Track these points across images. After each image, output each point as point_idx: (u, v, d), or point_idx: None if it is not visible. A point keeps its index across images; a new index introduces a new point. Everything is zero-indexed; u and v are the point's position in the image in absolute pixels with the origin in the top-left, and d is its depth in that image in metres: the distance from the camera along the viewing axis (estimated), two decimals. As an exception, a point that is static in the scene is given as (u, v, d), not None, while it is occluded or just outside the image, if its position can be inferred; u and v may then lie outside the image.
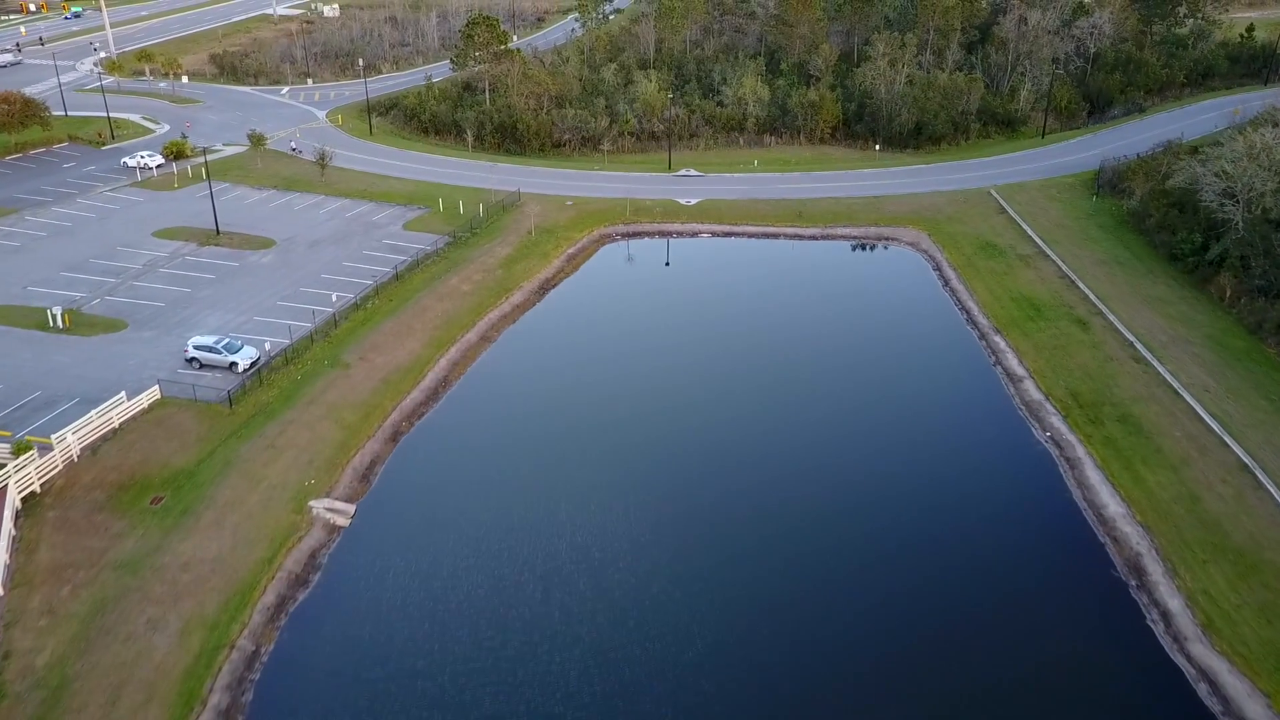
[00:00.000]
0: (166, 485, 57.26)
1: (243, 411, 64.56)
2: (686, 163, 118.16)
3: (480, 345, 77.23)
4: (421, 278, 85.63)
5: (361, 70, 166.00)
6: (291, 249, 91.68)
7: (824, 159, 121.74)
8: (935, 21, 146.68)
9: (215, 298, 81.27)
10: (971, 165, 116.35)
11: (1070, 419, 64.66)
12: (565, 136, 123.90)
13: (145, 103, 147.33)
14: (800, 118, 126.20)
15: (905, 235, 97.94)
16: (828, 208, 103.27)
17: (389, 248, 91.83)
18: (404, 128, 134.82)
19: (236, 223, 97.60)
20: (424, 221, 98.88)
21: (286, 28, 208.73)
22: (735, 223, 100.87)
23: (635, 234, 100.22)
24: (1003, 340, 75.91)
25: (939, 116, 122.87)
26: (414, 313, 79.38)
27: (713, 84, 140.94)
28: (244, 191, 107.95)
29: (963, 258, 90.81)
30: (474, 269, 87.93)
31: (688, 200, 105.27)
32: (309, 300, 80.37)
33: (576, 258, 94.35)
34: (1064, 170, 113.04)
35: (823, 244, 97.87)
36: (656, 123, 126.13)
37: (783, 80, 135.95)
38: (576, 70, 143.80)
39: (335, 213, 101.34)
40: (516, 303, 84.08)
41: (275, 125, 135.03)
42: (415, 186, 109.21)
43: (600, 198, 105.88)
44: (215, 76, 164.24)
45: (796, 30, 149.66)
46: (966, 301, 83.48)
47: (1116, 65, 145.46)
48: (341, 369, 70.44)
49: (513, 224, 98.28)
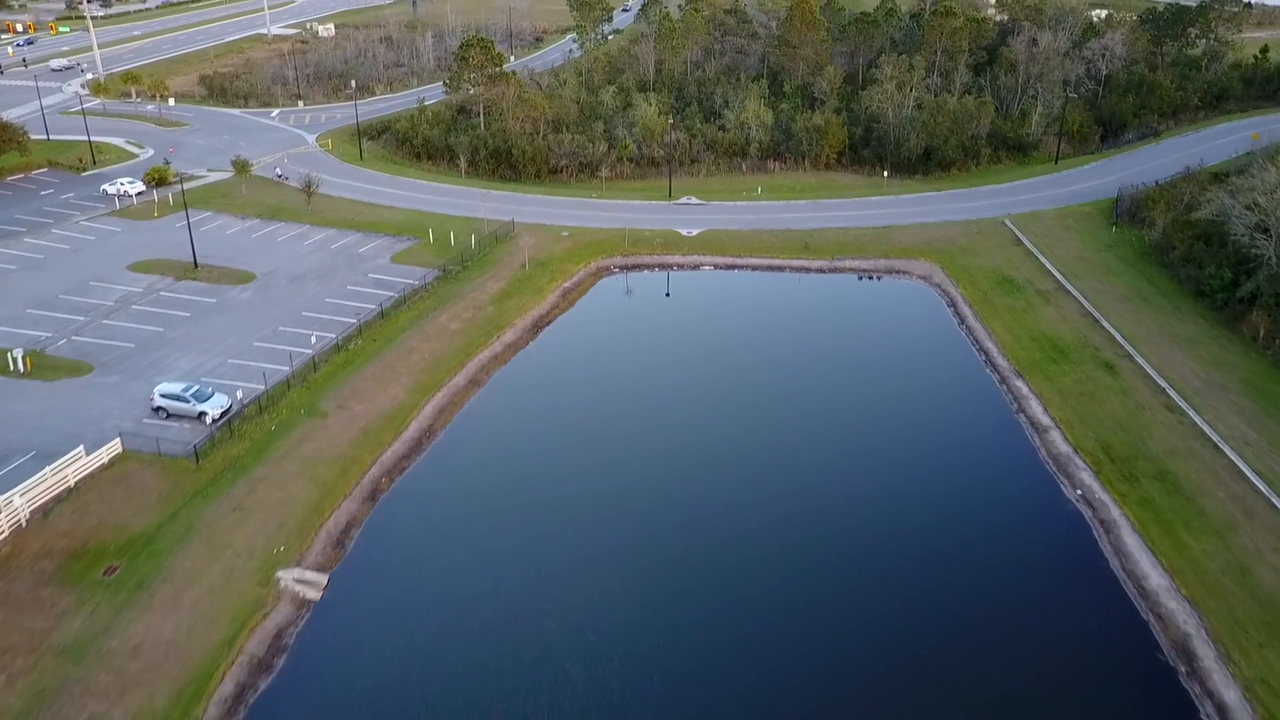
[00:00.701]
0: (122, 553, 52.52)
1: (210, 467, 59.86)
2: (687, 190, 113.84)
3: (468, 389, 72.55)
4: (408, 315, 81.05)
5: (354, 92, 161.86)
6: (272, 284, 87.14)
7: (830, 185, 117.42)
8: (942, 43, 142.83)
9: (189, 338, 76.66)
10: (983, 193, 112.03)
11: (1102, 476, 59.94)
12: (562, 162, 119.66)
13: (131, 126, 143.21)
14: (805, 142, 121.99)
15: (917, 268, 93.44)
16: (835, 238, 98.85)
17: (375, 282, 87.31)
18: (396, 152, 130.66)
19: (216, 254, 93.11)
20: (413, 254, 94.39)
21: (280, 48, 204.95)
22: (739, 254, 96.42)
23: (634, 266, 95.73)
24: (1025, 385, 71.26)
25: (949, 141, 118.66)
26: (398, 354, 74.76)
27: (714, 107, 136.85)
28: (226, 221, 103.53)
29: (979, 293, 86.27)
30: (464, 305, 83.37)
31: (689, 231, 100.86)
32: (288, 341, 75.78)
33: (572, 292, 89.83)
34: (1080, 198, 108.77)
35: (830, 277, 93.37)
36: (656, 148, 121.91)
37: (786, 103, 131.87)
38: (574, 93, 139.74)
39: (320, 244, 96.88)
40: (508, 342, 79.48)
41: (263, 149, 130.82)
42: (405, 215, 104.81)
43: (598, 228, 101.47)
44: (204, 98, 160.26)
45: (800, 52, 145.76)
46: (984, 341, 78.87)
47: (1129, 88, 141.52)
48: (319, 418, 65.75)
49: (506, 256, 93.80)
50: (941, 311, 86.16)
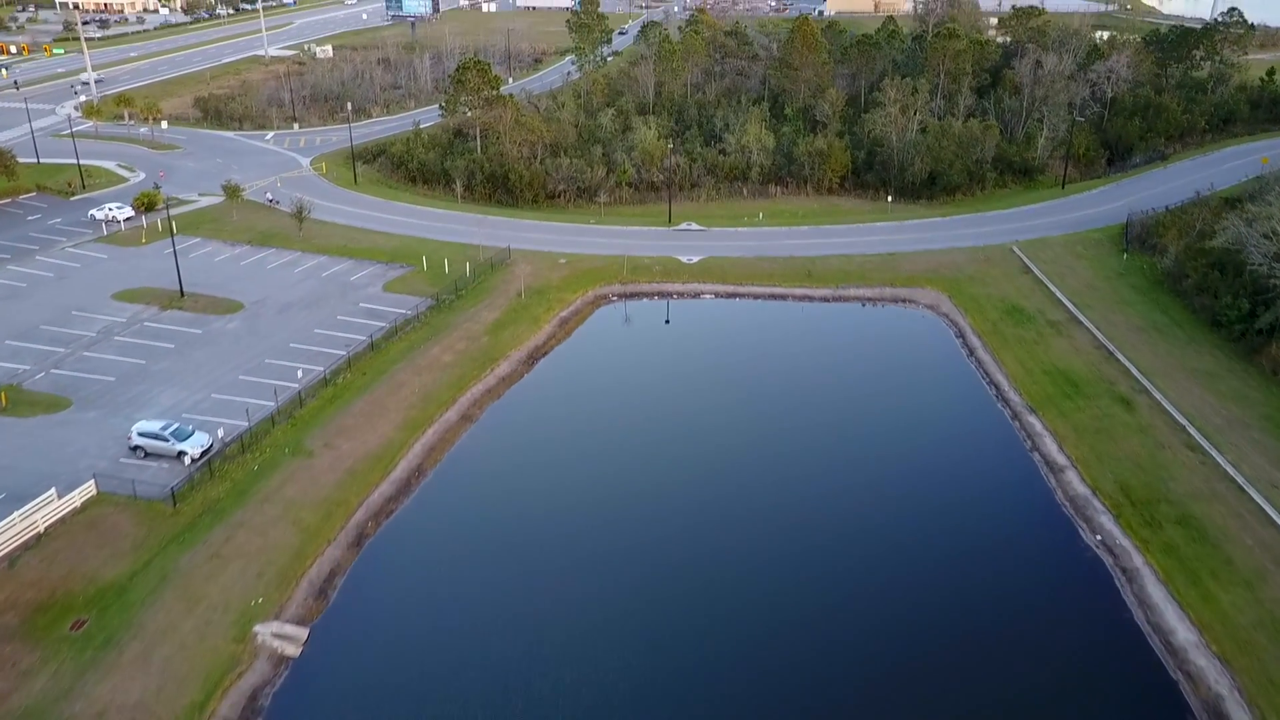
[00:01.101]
0: (92, 605, 49.78)
1: (188, 511, 57.15)
2: (687, 215, 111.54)
3: (460, 425, 69.87)
4: (399, 347, 78.50)
5: (349, 114, 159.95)
6: (260, 313, 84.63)
7: (833, 211, 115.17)
8: (946, 65, 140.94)
9: (172, 371, 74.07)
10: (990, 218, 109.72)
11: (1123, 520, 57.19)
12: (559, 187, 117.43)
13: (123, 149, 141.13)
14: (807, 167, 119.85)
15: (924, 297, 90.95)
16: (839, 266, 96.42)
17: (366, 312, 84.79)
18: (391, 176, 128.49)
19: (204, 282, 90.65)
20: (406, 282, 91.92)
21: (277, 70, 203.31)
22: (740, 282, 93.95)
23: (633, 295, 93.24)
24: (1038, 421, 68.58)
25: (954, 166, 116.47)
26: (388, 389, 72.13)
27: (714, 130, 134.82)
28: (215, 247, 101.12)
29: (988, 324, 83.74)
30: (457, 336, 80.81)
31: (689, 258, 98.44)
32: (274, 374, 73.19)
33: (569, 322, 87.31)
34: (1088, 223, 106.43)
35: (834, 306, 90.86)
36: (656, 172, 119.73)
37: (788, 127, 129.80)
38: (572, 116, 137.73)
39: (311, 271, 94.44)
40: (503, 374, 76.87)
41: (257, 173, 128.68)
42: (399, 242, 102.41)
43: (596, 255, 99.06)
44: (198, 121, 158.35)
45: (801, 74, 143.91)
46: (995, 374, 76.26)
47: (1135, 110, 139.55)
48: (304, 457, 63.07)
49: (501, 284, 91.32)
50: (949, 342, 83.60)
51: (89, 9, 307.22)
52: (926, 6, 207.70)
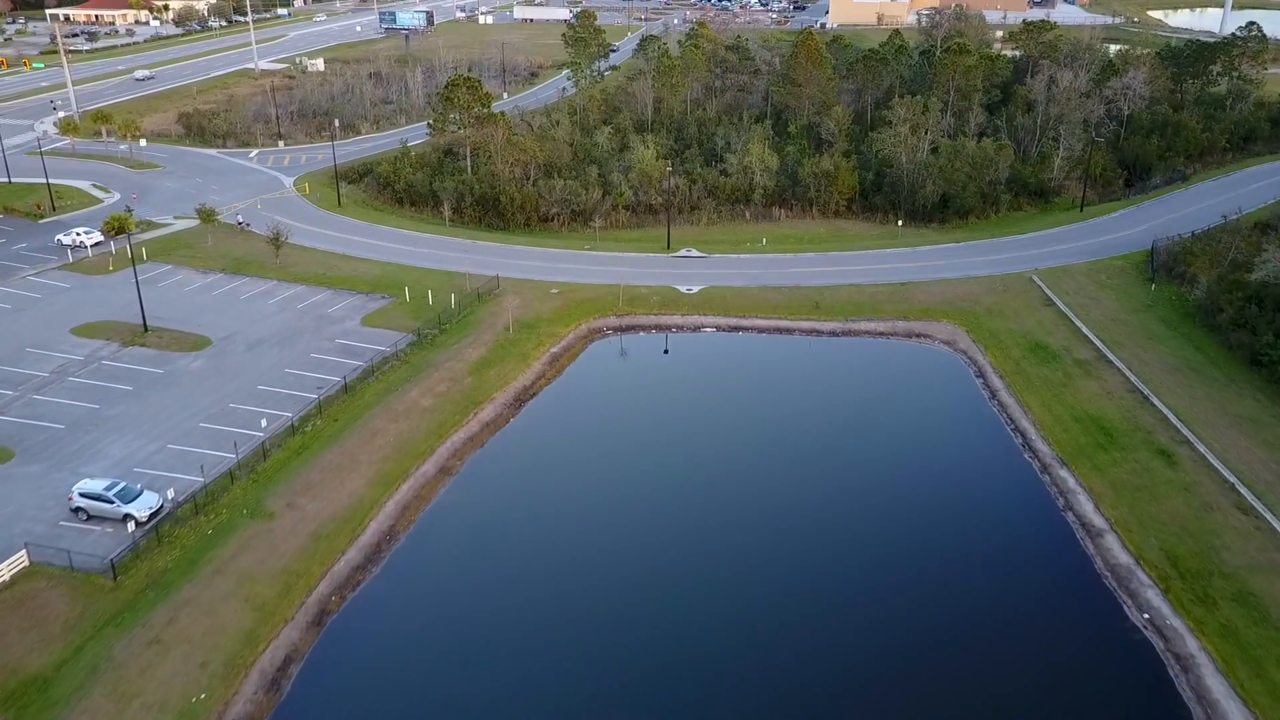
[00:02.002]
0: (10, 703, 43.85)
1: (129, 585, 51.27)
2: (687, 241, 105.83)
3: (439, 479, 63.98)
4: (375, 389, 72.65)
5: (336, 131, 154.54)
6: (228, 351, 78.83)
7: (840, 236, 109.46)
8: (955, 81, 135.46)
9: (127, 417, 68.23)
10: (1006, 244, 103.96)
11: (1172, 595, 51.28)
12: (553, 210, 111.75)
13: (99, 168, 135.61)
14: (813, 189, 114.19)
15: (939, 331, 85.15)
16: (848, 297, 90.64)
17: (341, 349, 78.98)
18: (377, 197, 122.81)
19: (171, 315, 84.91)
20: (386, 314, 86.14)
21: (266, 84, 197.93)
22: (743, 314, 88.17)
23: (629, 328, 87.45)
24: (1071, 476, 62.67)
25: (967, 188, 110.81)
26: (361, 438, 66.24)
27: (715, 149, 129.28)
28: (186, 275, 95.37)
29: (1010, 362, 77.90)
30: (439, 377, 74.97)
31: (688, 288, 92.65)
32: (238, 421, 67.37)
33: (561, 359, 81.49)
34: (1110, 249, 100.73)
35: (844, 341, 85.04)
36: (654, 194, 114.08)
37: (792, 146, 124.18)
38: (567, 134, 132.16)
39: (286, 303, 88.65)
40: (487, 420, 71.00)
41: (237, 194, 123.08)
42: (381, 270, 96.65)
43: (590, 284, 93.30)
44: (180, 138, 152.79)
45: (805, 90, 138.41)
46: (1020, 420, 70.38)
47: (1153, 128, 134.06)
48: (263, 520, 57.16)
49: (488, 318, 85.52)
50: (969, 383, 77.74)
51: (80, 21, 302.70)
52: (932, 20, 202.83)
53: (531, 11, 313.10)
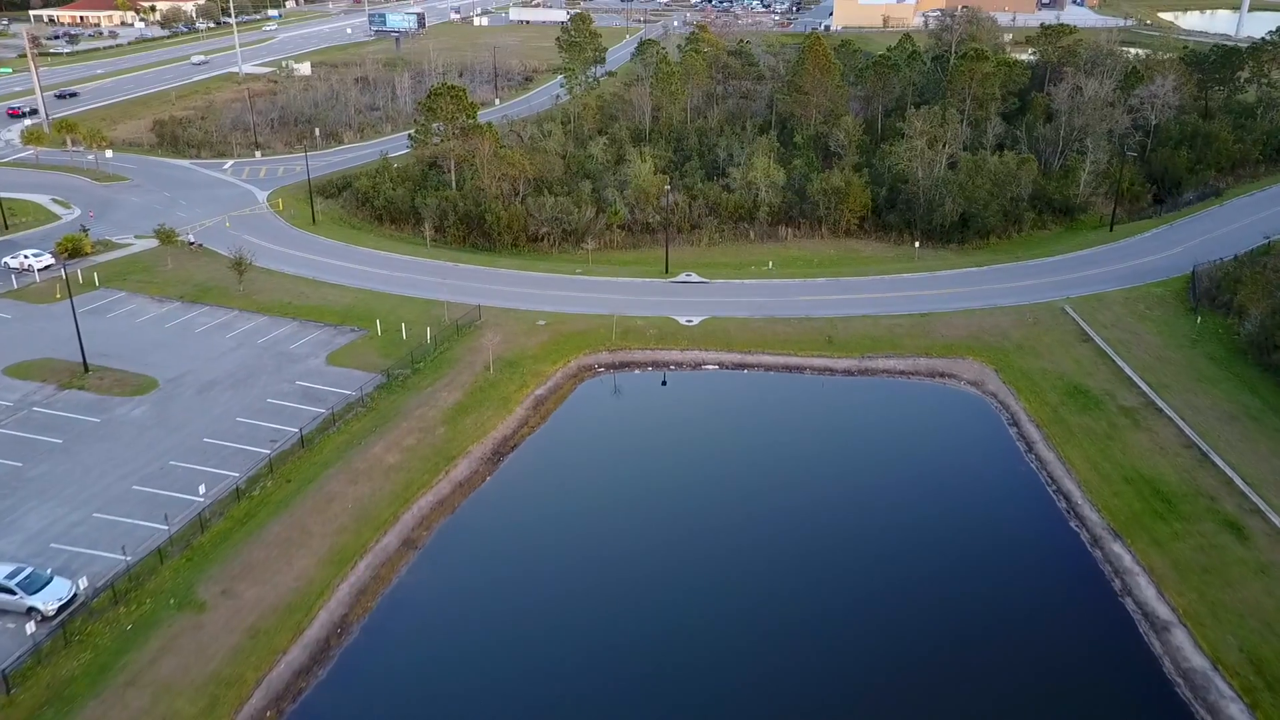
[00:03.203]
0: None
1: (25, 701, 43.36)
2: (687, 264, 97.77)
3: (401, 555, 55.93)
4: (335, 443, 64.62)
5: (318, 140, 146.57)
6: (175, 395, 70.83)
7: (852, 258, 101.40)
8: (972, 89, 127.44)
9: (51, 479, 60.23)
10: (1032, 268, 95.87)
11: (1261, 714, 43.23)
12: (542, 230, 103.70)
13: (63, 180, 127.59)
14: (822, 206, 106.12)
15: (965, 371, 77.14)
16: (864, 329, 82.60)
17: (302, 393, 70.97)
18: (356, 214, 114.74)
19: (117, 351, 76.96)
20: (355, 351, 78.11)
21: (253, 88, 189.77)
22: (748, 350, 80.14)
23: (622, 365, 79.46)
24: (1127, 553, 54.62)
25: (990, 206, 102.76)
26: (315, 504, 58.20)
27: (717, 162, 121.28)
28: (140, 304, 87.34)
29: (1046, 409, 69.84)
30: (408, 427, 66.90)
31: (689, 319, 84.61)
32: (177, 483, 59.40)
33: (547, 402, 73.47)
34: (1146, 274, 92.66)
35: (860, 381, 77.04)
36: (651, 212, 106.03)
37: (799, 159, 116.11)
38: (559, 146, 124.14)
39: (246, 337, 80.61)
40: (460, 478, 62.93)
41: (205, 210, 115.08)
42: (354, 298, 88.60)
43: (580, 314, 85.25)
44: (152, 147, 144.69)
45: (812, 99, 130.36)
46: (1062, 480, 62.30)
47: (1182, 139, 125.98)
48: (192, 611, 49.17)
49: (467, 355, 77.46)
50: (1001, 432, 69.68)
51: (65, 22, 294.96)
52: (942, 23, 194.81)
53: (528, 13, 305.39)
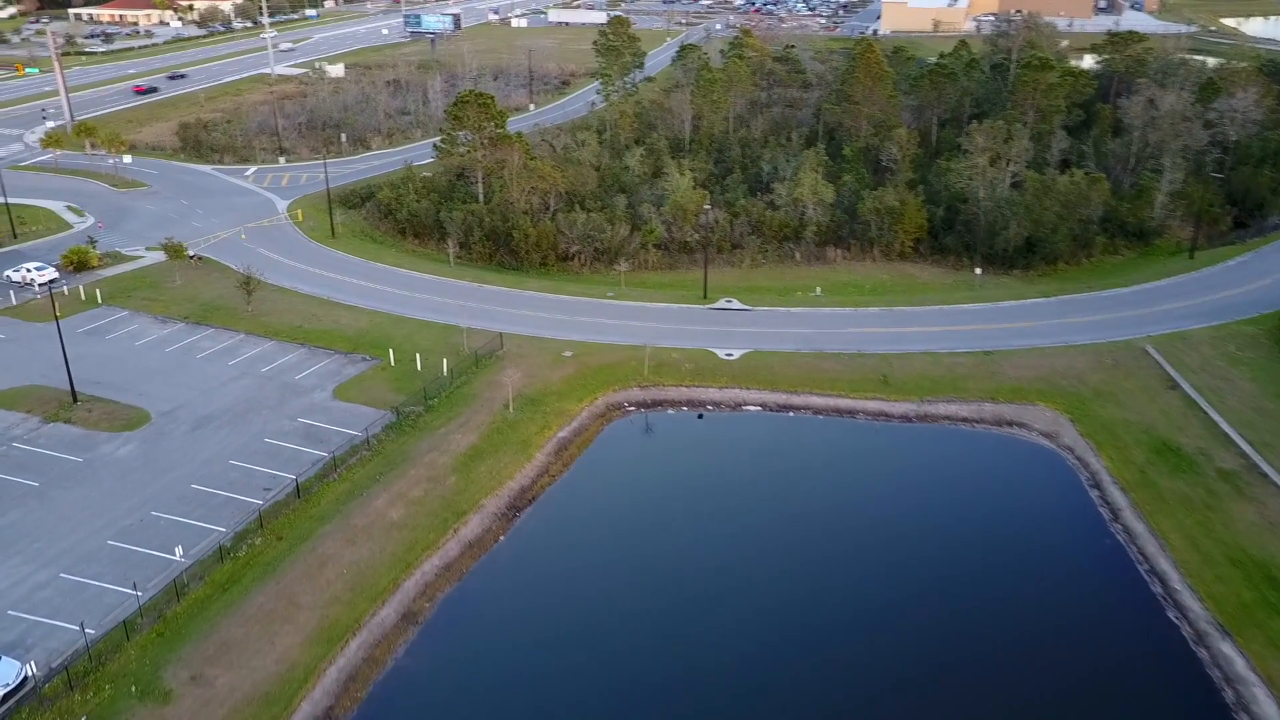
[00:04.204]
0: None
1: (-50, 816, 37.18)
2: (728, 288, 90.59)
3: (399, 632, 49.40)
4: (334, 493, 58.34)
5: (344, 146, 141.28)
6: (167, 431, 64.98)
7: (907, 284, 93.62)
8: (1035, 101, 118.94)
9: (22, 528, 54.55)
10: (1107, 300, 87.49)
11: None
12: (573, 248, 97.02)
13: (80, 186, 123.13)
14: (874, 226, 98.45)
15: (1036, 419, 69.28)
16: (922, 368, 74.99)
17: (303, 432, 64.82)
18: (378, 226, 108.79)
19: (111, 379, 71.42)
20: (364, 384, 71.90)
21: (282, 90, 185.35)
22: (794, 389, 72.86)
23: (654, 404, 72.56)
24: (1239, 656, 46.76)
25: (1058, 230, 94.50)
26: (306, 568, 51.88)
27: (760, 175, 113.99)
28: (142, 325, 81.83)
29: (1133, 469, 61.88)
30: (416, 475, 60.45)
31: (728, 352, 77.51)
32: (156, 539, 53.45)
33: (570, 446, 66.71)
34: (1234, 310, 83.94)
35: (919, 429, 69.47)
36: (690, 230, 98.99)
37: (848, 174, 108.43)
38: (594, 156, 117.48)
39: (249, 365, 74.71)
40: (470, 538, 56.33)
41: (222, 220, 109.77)
42: (368, 322, 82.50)
43: (610, 344, 78.49)
44: (175, 152, 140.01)
45: (863, 109, 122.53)
46: (1155, 558, 54.43)
47: (1264, 158, 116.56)
48: (156, 702, 43.02)
49: (485, 390, 70.94)
50: (1080, 495, 61.80)
51: (103, 21, 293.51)
52: (998, 28, 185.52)
53: (566, 15, 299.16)
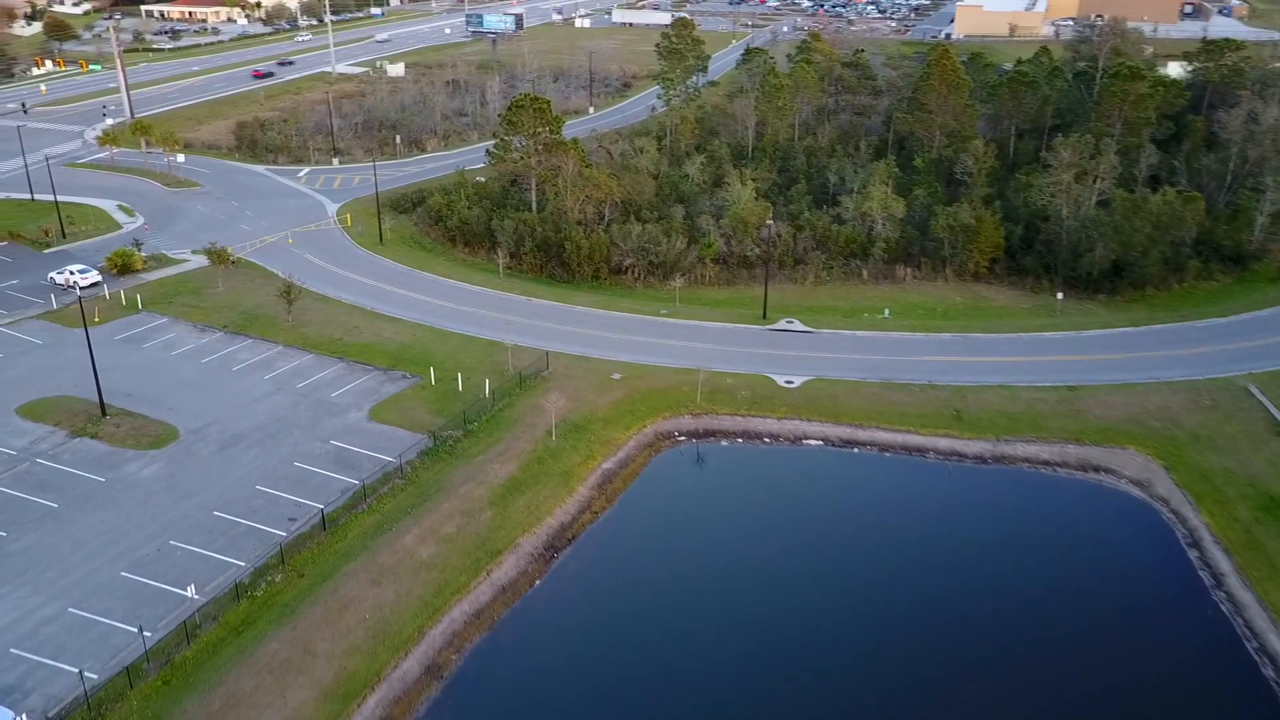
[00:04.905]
0: None
1: None
2: (789, 307, 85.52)
3: (422, 687, 45.43)
4: (362, 527, 54.68)
5: (399, 147, 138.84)
6: (194, 451, 62.00)
7: (981, 308, 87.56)
8: (1123, 112, 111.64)
9: (36, 554, 51.77)
10: (1202, 331, 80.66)
11: None
12: (627, 260, 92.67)
13: (133, 185, 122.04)
14: (947, 244, 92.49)
15: (1126, 465, 63.15)
16: (999, 404, 69.21)
17: (335, 457, 61.37)
18: (428, 233, 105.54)
19: (142, 391, 68.82)
20: (402, 404, 68.31)
21: (342, 89, 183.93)
22: (859, 423, 67.61)
23: (707, 434, 67.86)
24: (1372, 762, 40.67)
25: (1149, 253, 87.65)
26: (326, 611, 48.18)
27: (826, 185, 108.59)
28: (180, 333, 79.33)
29: (1237, 528, 55.63)
30: (449, 508, 56.55)
31: (788, 379, 72.50)
32: (172, 572, 50.28)
33: (615, 479, 62.32)
34: (1346, 346, 76.79)
35: (994, 471, 63.79)
36: (750, 244, 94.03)
37: (920, 188, 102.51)
38: (652, 164, 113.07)
39: (285, 379, 71.64)
40: (504, 582, 52.22)
41: (271, 222, 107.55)
42: (410, 335, 79.09)
43: (662, 366, 74.02)
44: (230, 151, 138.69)
45: (936, 119, 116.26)
46: (1265, 635, 48.33)
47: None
48: (153, 764, 39.48)
49: (528, 413, 66.90)
50: (1177, 555, 55.71)
51: (174, 18, 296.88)
52: (1080, 33, 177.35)
53: (631, 15, 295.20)
